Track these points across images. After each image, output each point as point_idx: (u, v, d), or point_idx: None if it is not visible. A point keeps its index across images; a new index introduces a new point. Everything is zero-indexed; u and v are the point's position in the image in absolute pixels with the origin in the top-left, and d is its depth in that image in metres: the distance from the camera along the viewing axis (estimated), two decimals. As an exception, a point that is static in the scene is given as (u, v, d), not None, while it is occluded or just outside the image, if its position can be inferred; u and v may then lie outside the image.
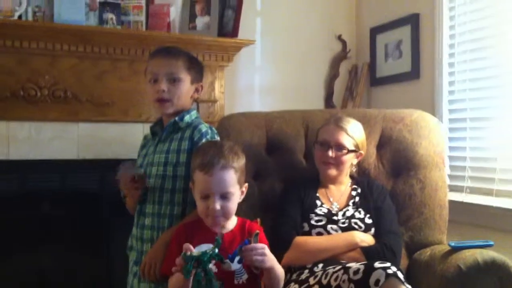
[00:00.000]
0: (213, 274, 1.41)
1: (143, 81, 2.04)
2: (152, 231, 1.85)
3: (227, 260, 1.52)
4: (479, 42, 2.58)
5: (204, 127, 1.90)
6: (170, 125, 1.92)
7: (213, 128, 1.95)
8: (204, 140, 1.85)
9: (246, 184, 1.67)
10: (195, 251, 1.42)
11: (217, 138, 1.93)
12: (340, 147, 2.07)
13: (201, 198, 1.58)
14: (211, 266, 1.46)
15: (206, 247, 1.55)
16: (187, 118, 1.93)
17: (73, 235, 2.68)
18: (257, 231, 1.54)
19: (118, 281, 2.08)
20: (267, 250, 1.50)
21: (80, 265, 2.70)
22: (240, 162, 1.64)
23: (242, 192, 1.65)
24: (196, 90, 1.98)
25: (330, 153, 2.06)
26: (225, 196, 1.57)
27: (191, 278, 1.40)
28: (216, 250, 1.42)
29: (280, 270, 1.57)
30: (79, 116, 2.64)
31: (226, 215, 1.59)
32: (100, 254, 2.76)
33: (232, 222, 1.65)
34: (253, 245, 1.47)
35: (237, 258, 1.52)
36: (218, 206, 1.56)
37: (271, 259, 1.51)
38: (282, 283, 1.61)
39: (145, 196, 1.89)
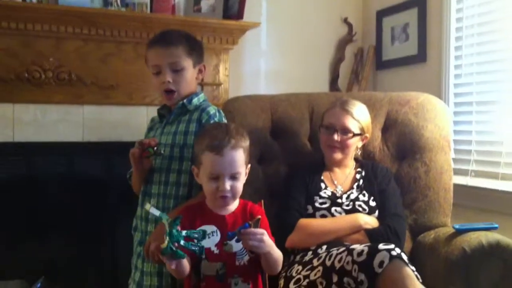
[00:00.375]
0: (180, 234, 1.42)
1: (147, 64, 2.03)
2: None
3: (229, 242, 1.52)
4: (487, 25, 2.55)
5: (212, 110, 1.90)
6: (179, 107, 1.91)
7: (221, 111, 1.95)
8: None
9: (249, 165, 1.68)
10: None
11: (225, 120, 1.93)
12: (345, 130, 2.06)
13: (210, 179, 1.57)
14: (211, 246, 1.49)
15: (209, 228, 1.56)
16: (195, 100, 1.93)
17: (78, 218, 2.69)
18: (259, 216, 1.54)
19: (123, 264, 2.09)
20: (266, 236, 1.50)
21: (85, 248, 2.71)
22: (247, 142, 1.64)
23: (246, 173, 1.66)
24: (200, 71, 1.96)
25: (336, 137, 2.06)
26: (234, 176, 1.57)
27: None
28: (166, 218, 1.43)
29: (277, 255, 1.58)
30: (84, 99, 2.63)
31: (234, 196, 1.59)
32: (105, 237, 2.78)
33: (234, 204, 1.65)
34: (252, 229, 1.47)
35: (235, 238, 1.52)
36: (228, 186, 1.56)
37: (268, 245, 1.51)
38: (279, 266, 1.61)
39: (150, 176, 1.90)
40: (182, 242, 1.41)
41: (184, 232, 1.43)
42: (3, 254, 2.55)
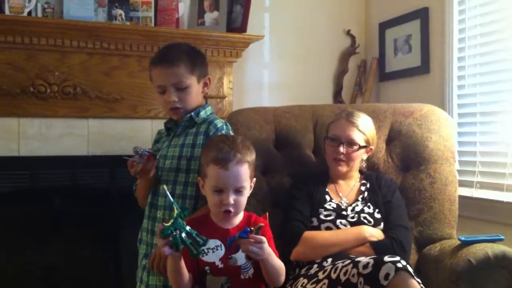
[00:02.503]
0: (194, 232, 1.43)
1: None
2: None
3: (234, 255, 1.52)
4: (490, 36, 2.55)
5: (219, 123, 1.91)
6: (186, 120, 1.92)
7: (228, 124, 1.96)
8: None
9: (255, 179, 1.67)
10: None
11: (232, 133, 1.93)
12: (351, 143, 2.06)
13: (214, 191, 1.58)
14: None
15: (213, 243, 1.56)
16: (202, 113, 1.94)
17: (83, 231, 2.69)
18: (261, 224, 1.54)
19: (128, 276, 2.09)
20: (265, 244, 1.50)
21: (89, 260, 2.71)
22: (253, 156, 1.65)
23: (251, 186, 1.66)
24: (205, 85, 1.97)
25: (341, 149, 2.05)
26: (238, 190, 1.58)
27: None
28: (176, 211, 1.44)
29: (276, 263, 1.57)
30: (89, 112, 2.64)
31: (237, 209, 1.59)
32: (109, 250, 2.78)
33: (239, 217, 1.65)
34: (253, 236, 1.48)
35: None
36: (232, 200, 1.56)
37: (266, 253, 1.51)
38: (281, 276, 1.60)
39: (157, 188, 1.90)
40: (183, 234, 1.42)
41: (188, 228, 1.43)
42: (8, 264, 2.55)
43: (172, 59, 1.88)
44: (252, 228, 1.49)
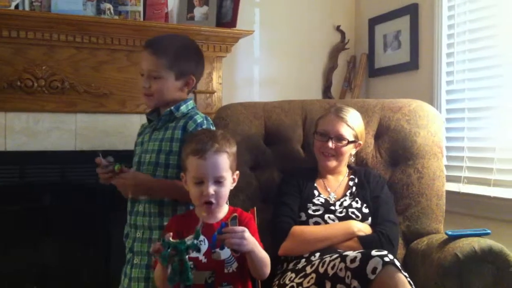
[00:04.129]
0: (189, 265, 1.42)
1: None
2: (144, 218, 1.86)
3: (217, 250, 1.53)
4: (478, 32, 2.57)
5: (199, 118, 1.90)
6: (166, 114, 1.92)
7: (209, 119, 1.95)
8: None
9: (238, 172, 1.68)
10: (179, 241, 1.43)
11: (213, 128, 1.93)
12: (340, 138, 2.07)
13: (195, 183, 1.58)
14: (197, 254, 1.48)
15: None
16: (183, 108, 1.93)
17: (71, 227, 2.67)
18: (235, 214, 1.55)
19: (116, 271, 2.07)
20: (247, 234, 1.49)
21: (78, 256, 2.70)
22: (233, 148, 1.65)
23: (234, 179, 1.66)
24: (187, 84, 1.95)
25: (330, 144, 2.06)
26: (218, 181, 1.58)
27: (169, 266, 1.41)
28: (195, 241, 1.42)
29: (262, 254, 1.57)
30: (77, 107, 2.62)
31: (219, 201, 1.59)
32: (98, 245, 2.76)
33: (223, 211, 1.65)
34: (231, 227, 1.48)
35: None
36: (212, 190, 1.56)
37: (250, 242, 1.51)
38: (266, 268, 1.60)
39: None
40: (176, 258, 1.41)
41: (187, 257, 1.42)
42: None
43: (157, 47, 1.90)
44: (227, 222, 1.49)
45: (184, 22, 2.88)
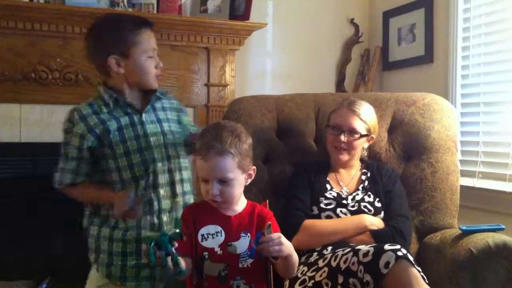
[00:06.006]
0: (177, 256, 1.38)
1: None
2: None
3: (233, 243, 1.52)
4: (494, 25, 2.54)
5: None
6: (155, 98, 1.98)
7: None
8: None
9: (254, 167, 1.61)
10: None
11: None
12: (352, 131, 2.05)
13: (202, 181, 1.55)
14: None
15: (213, 229, 1.55)
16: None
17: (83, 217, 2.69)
18: (269, 222, 1.51)
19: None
20: (283, 239, 1.47)
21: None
22: (242, 145, 1.55)
23: (250, 175, 1.60)
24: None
25: (343, 138, 2.04)
26: (224, 181, 1.52)
27: (159, 262, 1.38)
28: (177, 231, 1.40)
29: (296, 257, 1.55)
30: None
31: (226, 200, 1.55)
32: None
33: (241, 205, 1.62)
34: (268, 236, 1.45)
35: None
36: (216, 191, 1.51)
37: (288, 247, 1.49)
38: (296, 269, 1.60)
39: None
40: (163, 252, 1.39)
41: (173, 249, 1.39)
42: (10, 251, 2.56)
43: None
44: (263, 231, 1.47)
45: (197, 14, 2.88)
